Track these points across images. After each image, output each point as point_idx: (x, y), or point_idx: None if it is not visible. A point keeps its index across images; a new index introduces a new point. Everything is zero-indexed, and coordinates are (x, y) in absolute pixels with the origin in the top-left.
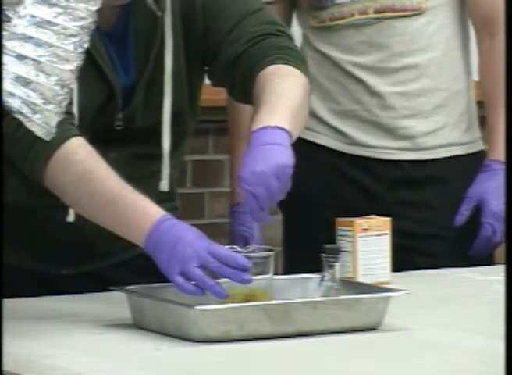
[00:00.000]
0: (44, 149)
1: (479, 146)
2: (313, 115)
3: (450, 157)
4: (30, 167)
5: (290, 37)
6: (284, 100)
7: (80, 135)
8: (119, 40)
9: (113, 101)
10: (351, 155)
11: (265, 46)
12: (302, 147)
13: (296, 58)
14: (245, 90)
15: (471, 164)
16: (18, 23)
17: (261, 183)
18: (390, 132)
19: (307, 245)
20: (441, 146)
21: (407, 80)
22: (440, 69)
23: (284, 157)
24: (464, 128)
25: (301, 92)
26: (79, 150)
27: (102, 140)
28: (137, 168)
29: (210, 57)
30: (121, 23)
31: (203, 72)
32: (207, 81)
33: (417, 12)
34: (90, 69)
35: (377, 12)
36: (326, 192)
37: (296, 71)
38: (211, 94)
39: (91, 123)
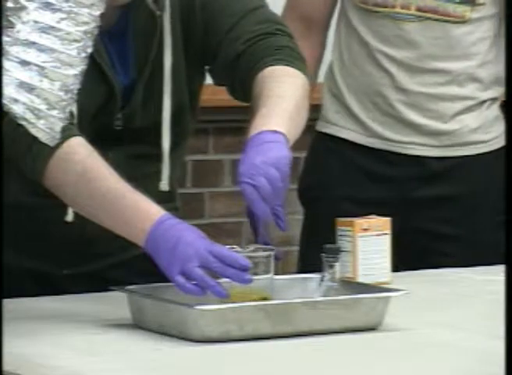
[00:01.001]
0: (43, 149)
1: (502, 142)
2: (340, 101)
3: (475, 154)
4: (29, 167)
5: (290, 35)
6: (282, 103)
7: (79, 135)
8: (118, 39)
9: (113, 101)
10: (372, 149)
11: (264, 46)
12: (324, 141)
13: (295, 58)
14: (245, 90)
15: (494, 160)
16: (21, 29)
17: (260, 174)
18: (412, 128)
19: (328, 241)
20: (464, 144)
21: (435, 83)
22: (471, 79)
23: (282, 151)
24: (487, 127)
25: (300, 93)
26: (79, 149)
27: (102, 140)
28: (137, 168)
29: (210, 56)
30: (121, 22)
31: (203, 71)
32: (207, 81)
33: (460, 20)
34: (90, 68)
35: (419, 10)
36: (348, 186)
37: (295, 71)
38: (211, 94)
39: (91, 122)
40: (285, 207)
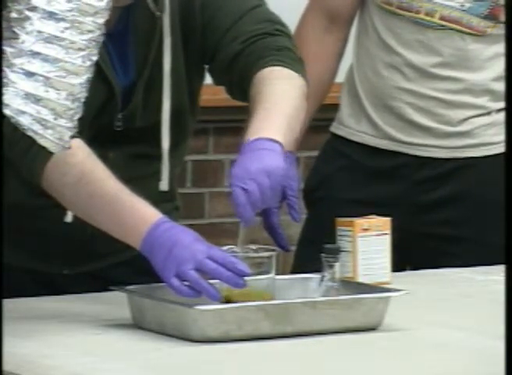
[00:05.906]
0: (41, 151)
1: None
2: (357, 102)
3: (485, 156)
4: (27, 169)
5: (289, 36)
6: (280, 106)
7: (78, 136)
8: (118, 40)
9: (113, 102)
10: (382, 150)
11: (262, 46)
12: (335, 142)
13: (293, 60)
14: (243, 90)
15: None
16: (25, 40)
17: (253, 180)
18: (423, 130)
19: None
20: (475, 145)
21: (449, 91)
22: (486, 91)
23: (277, 160)
24: (498, 129)
25: (298, 96)
26: (77, 152)
27: (102, 140)
28: (137, 168)
29: (209, 56)
30: (121, 23)
31: (203, 71)
32: (207, 81)
33: (481, 34)
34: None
35: (442, 19)
36: (354, 189)
37: (293, 73)
38: (211, 94)
39: (91, 123)
40: (282, 207)
